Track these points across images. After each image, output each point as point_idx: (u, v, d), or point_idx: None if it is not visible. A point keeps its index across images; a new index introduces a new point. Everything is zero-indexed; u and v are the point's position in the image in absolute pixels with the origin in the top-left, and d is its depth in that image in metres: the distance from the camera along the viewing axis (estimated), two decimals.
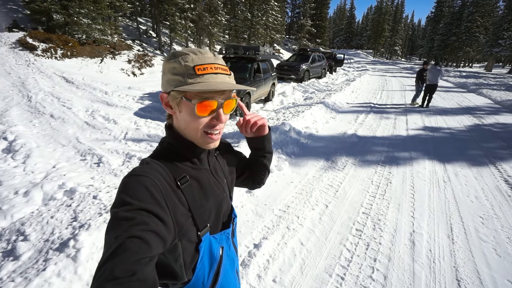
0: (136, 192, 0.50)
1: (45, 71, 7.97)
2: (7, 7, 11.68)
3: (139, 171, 0.55)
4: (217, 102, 0.59)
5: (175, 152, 0.64)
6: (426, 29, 51.36)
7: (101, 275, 0.40)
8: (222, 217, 0.73)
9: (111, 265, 0.41)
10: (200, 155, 0.67)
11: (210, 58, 0.59)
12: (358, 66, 24.48)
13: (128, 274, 0.40)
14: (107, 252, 0.43)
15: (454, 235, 2.46)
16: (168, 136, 0.66)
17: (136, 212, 0.48)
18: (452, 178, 3.62)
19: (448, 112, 7.66)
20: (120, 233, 0.44)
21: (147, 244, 0.45)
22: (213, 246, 0.67)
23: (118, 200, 0.50)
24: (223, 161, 0.80)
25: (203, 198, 0.65)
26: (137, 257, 0.42)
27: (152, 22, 17.25)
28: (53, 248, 1.81)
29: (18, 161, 3.36)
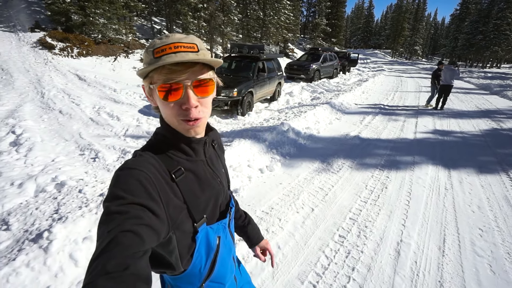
0: (128, 185, 0.50)
1: (60, 69, 8.36)
2: (31, 9, 12.38)
3: (132, 164, 0.54)
4: (182, 84, 0.55)
5: (168, 143, 0.62)
6: (450, 28, 48.89)
7: (93, 269, 0.39)
8: (219, 207, 0.72)
9: (103, 259, 0.40)
10: (194, 145, 0.64)
11: (173, 39, 0.55)
12: (374, 66, 23.72)
13: (121, 268, 0.40)
14: (99, 247, 0.42)
15: (446, 247, 2.29)
16: (160, 127, 0.64)
17: (129, 206, 0.47)
18: (455, 185, 3.40)
19: (463, 115, 7.23)
20: (112, 227, 0.44)
21: (140, 238, 0.44)
22: (210, 236, 0.66)
23: (111, 194, 0.49)
24: (220, 151, 0.80)
25: (199, 190, 0.63)
26: (130, 251, 0.42)
27: (166, 21, 17.62)
28: (29, 238, 1.87)
29: (20, 154, 3.53)
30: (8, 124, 4.47)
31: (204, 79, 0.58)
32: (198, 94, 0.58)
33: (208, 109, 0.62)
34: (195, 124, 0.59)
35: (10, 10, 12.20)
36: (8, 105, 5.48)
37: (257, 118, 6.36)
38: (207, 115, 0.63)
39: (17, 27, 10.80)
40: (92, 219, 2.02)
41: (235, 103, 6.24)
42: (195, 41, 0.57)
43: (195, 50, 0.56)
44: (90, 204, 2.19)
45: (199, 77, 0.57)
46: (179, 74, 0.54)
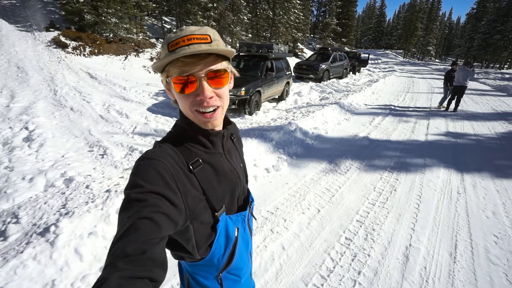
0: (148, 175, 0.52)
1: (73, 67, 8.56)
2: (46, 9, 12.73)
3: (152, 154, 0.56)
4: (197, 76, 0.56)
5: (186, 135, 0.64)
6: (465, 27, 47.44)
7: (114, 252, 0.42)
8: (237, 201, 0.73)
9: (123, 243, 0.43)
10: (212, 138, 0.65)
11: (186, 32, 0.56)
12: (385, 66, 23.27)
13: (139, 252, 0.42)
14: (120, 231, 0.45)
15: (457, 253, 2.20)
16: (179, 119, 0.66)
17: (148, 195, 0.49)
18: (468, 189, 3.27)
19: (478, 117, 6.98)
20: (131, 214, 0.46)
21: (157, 225, 0.46)
22: (229, 227, 0.67)
23: (131, 182, 0.52)
24: (239, 145, 0.81)
25: (216, 182, 0.65)
26: (147, 237, 0.44)
27: (176, 21, 17.81)
28: (37, 232, 1.90)
29: (32, 149, 3.63)
30: (22, 120, 4.60)
31: (218, 69, 0.58)
32: (213, 85, 0.58)
33: (225, 100, 0.62)
34: (212, 117, 0.60)
35: (27, 11, 12.60)
36: (22, 102, 5.64)
37: (264, 117, 6.33)
38: (224, 105, 0.63)
39: (33, 27, 11.14)
40: (98, 215, 2.04)
41: (242, 102, 6.22)
42: (208, 32, 0.57)
43: (208, 41, 0.56)
44: (96, 200, 2.21)
45: (213, 68, 0.57)
46: (192, 66, 0.55)
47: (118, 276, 0.39)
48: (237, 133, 0.83)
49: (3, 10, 12.08)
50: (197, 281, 0.71)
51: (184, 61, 0.55)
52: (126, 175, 2.84)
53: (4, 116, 4.81)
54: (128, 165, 3.37)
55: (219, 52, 0.57)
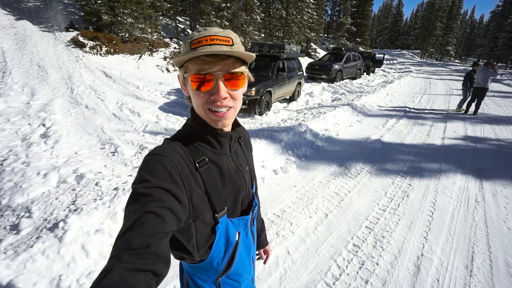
0: (155, 170, 0.53)
1: (89, 66, 8.83)
2: (67, 10, 13.22)
3: (160, 150, 0.58)
4: (214, 76, 0.58)
5: (195, 134, 0.65)
6: (489, 26, 45.22)
7: (119, 245, 0.43)
8: (241, 204, 0.72)
9: (128, 236, 0.44)
10: (220, 138, 0.66)
11: (210, 32, 0.58)
12: (401, 67, 22.57)
13: (143, 246, 0.43)
14: (126, 225, 0.46)
15: (474, 267, 2.08)
16: (190, 118, 0.68)
17: (154, 190, 0.50)
18: (488, 198, 3.10)
19: (500, 121, 6.62)
20: (138, 208, 0.47)
21: (162, 220, 0.47)
22: (230, 230, 0.67)
23: (139, 176, 0.53)
24: (247, 148, 0.81)
25: (220, 183, 0.65)
26: (152, 231, 0.45)
27: (190, 20, 18.04)
28: (47, 227, 1.95)
29: (48, 146, 3.75)
30: (40, 117, 4.78)
31: (236, 72, 0.60)
32: (229, 86, 0.60)
33: (238, 102, 0.64)
34: (223, 116, 0.61)
35: (50, 12, 13.13)
36: (41, 99, 5.86)
37: (274, 118, 6.28)
38: (237, 107, 0.65)
39: (54, 27, 11.58)
40: (105, 212, 2.07)
41: (253, 102, 6.20)
42: (231, 35, 0.59)
43: (230, 44, 0.58)
44: (104, 197, 2.25)
45: (231, 70, 0.59)
46: (212, 65, 0.57)
47: (122, 267, 0.40)
48: (245, 136, 0.83)
49: (28, 12, 12.64)
50: (196, 283, 0.70)
51: (204, 59, 0.57)
52: (135, 173, 2.87)
53: (24, 113, 5.02)
54: (137, 163, 3.42)
55: (239, 56, 0.59)
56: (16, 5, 12.91)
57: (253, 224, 0.80)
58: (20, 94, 5.99)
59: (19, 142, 3.87)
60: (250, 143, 0.89)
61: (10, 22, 10.83)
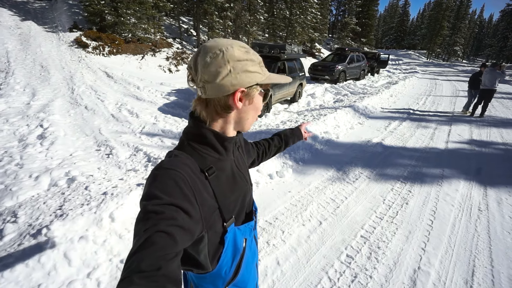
0: (165, 186, 0.52)
1: (92, 66, 8.87)
2: (71, 11, 13.34)
3: (168, 164, 0.56)
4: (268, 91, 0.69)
5: (200, 142, 0.64)
6: (499, 26, 44.30)
7: (129, 266, 0.43)
8: (246, 208, 0.74)
9: (138, 258, 0.43)
10: (227, 144, 0.66)
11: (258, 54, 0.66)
12: (406, 68, 22.23)
13: (154, 268, 0.42)
14: (136, 244, 0.45)
15: (475, 282, 1.97)
16: (195, 127, 0.64)
17: (165, 207, 0.49)
18: (492, 206, 2.97)
19: (508, 124, 6.42)
20: (148, 227, 0.46)
21: (173, 239, 0.46)
22: (238, 238, 0.68)
23: (148, 193, 0.52)
24: (243, 152, 0.83)
25: (228, 189, 0.66)
26: (163, 252, 0.44)
27: (193, 21, 18.05)
28: (30, 233, 1.91)
29: (43, 147, 3.74)
30: (38, 117, 4.79)
31: None
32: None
33: None
34: None
35: (54, 13, 13.27)
36: (42, 99, 5.89)
37: (274, 119, 6.20)
38: None
39: (58, 28, 11.70)
40: (91, 218, 2.02)
41: None
42: None
43: None
44: (92, 202, 2.20)
45: None
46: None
47: None
48: (241, 141, 0.83)
49: (34, 13, 12.80)
50: None
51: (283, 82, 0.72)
52: (126, 177, 2.83)
53: (23, 113, 5.03)
54: (131, 166, 3.38)
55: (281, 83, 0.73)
56: (22, 6, 13.08)
57: (255, 228, 0.80)
58: (21, 94, 6.03)
59: (16, 143, 3.87)
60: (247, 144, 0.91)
61: (15, 23, 10.97)
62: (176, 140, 4.46)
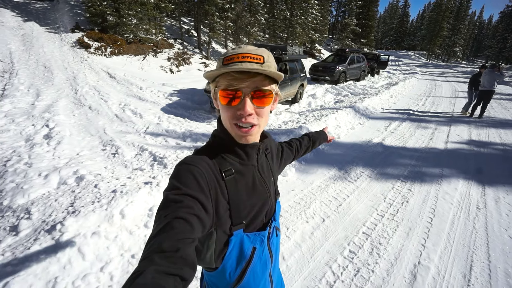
0: (185, 179, 0.57)
1: (94, 67, 8.95)
2: (73, 11, 13.42)
3: (190, 160, 0.61)
4: (242, 91, 0.60)
5: (223, 145, 0.67)
6: (498, 27, 44.49)
7: (150, 246, 0.46)
8: (263, 217, 0.73)
9: (159, 239, 0.46)
10: (248, 149, 0.68)
11: (243, 50, 0.61)
12: (406, 68, 22.33)
13: (173, 249, 0.45)
14: (157, 228, 0.49)
15: (472, 276, 2.05)
16: (217, 129, 0.70)
17: (184, 197, 0.53)
18: (489, 205, 3.04)
19: (506, 125, 6.51)
20: (168, 213, 0.50)
21: (190, 225, 0.50)
22: (245, 244, 0.68)
23: (170, 184, 0.57)
24: (272, 161, 0.83)
25: (245, 194, 0.67)
26: (181, 236, 0.47)
27: (194, 21, 18.13)
28: (45, 229, 1.98)
29: (50, 147, 3.81)
30: (44, 118, 4.86)
31: (264, 90, 0.61)
32: (255, 103, 0.61)
33: (263, 119, 0.65)
34: (248, 133, 0.63)
35: (56, 13, 13.34)
36: (46, 100, 5.96)
37: (275, 120, 6.27)
38: (262, 124, 0.66)
39: (60, 28, 11.77)
40: (102, 215, 2.10)
41: None
42: (263, 54, 0.61)
43: (261, 62, 0.60)
44: (102, 200, 2.28)
45: (259, 87, 0.61)
46: (240, 81, 0.59)
47: (153, 269, 0.41)
48: (272, 147, 0.84)
49: (36, 13, 12.87)
50: None
51: (234, 75, 0.59)
52: (134, 175, 2.91)
53: (29, 113, 5.10)
54: (138, 165, 3.45)
55: (267, 74, 0.60)
56: (24, 6, 13.15)
57: (271, 240, 0.78)
58: (26, 94, 6.09)
59: (22, 142, 3.94)
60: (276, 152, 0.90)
61: (18, 24, 11.04)
62: (180, 139, 4.54)
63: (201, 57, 13.99)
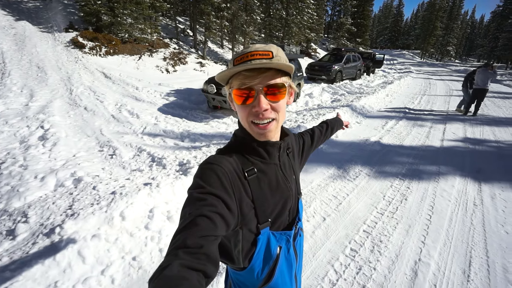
0: (209, 178, 0.58)
1: (89, 67, 8.83)
2: (66, 11, 13.22)
3: (213, 160, 0.63)
4: (255, 89, 0.60)
5: (245, 145, 0.68)
6: (490, 26, 45.21)
7: (175, 243, 0.47)
8: (287, 216, 0.74)
9: (183, 236, 0.47)
10: (269, 148, 0.69)
11: (251, 48, 0.61)
12: (401, 67, 22.54)
13: (197, 246, 0.46)
14: (182, 224, 0.50)
15: (471, 272, 2.07)
16: (238, 129, 0.72)
17: (207, 195, 0.55)
18: (486, 201, 3.09)
19: (500, 123, 6.61)
20: (193, 211, 0.52)
21: (214, 223, 0.51)
22: (271, 243, 0.68)
23: (194, 183, 0.59)
24: (294, 159, 0.83)
25: (268, 192, 0.67)
26: (205, 233, 0.48)
27: (190, 21, 18.02)
28: (43, 232, 1.95)
29: (46, 148, 3.75)
30: (38, 119, 4.78)
31: (276, 84, 0.62)
32: (270, 98, 0.62)
33: (280, 113, 0.65)
34: (266, 129, 0.63)
35: (49, 12, 13.12)
36: (40, 101, 5.86)
37: None
38: (280, 119, 0.66)
39: (54, 28, 11.58)
40: (102, 218, 2.07)
41: None
42: (271, 49, 0.62)
43: (269, 57, 0.60)
44: (101, 202, 2.25)
45: (270, 82, 0.61)
46: (251, 79, 0.60)
47: (178, 263, 0.43)
48: (293, 145, 0.84)
49: (28, 13, 12.64)
50: None
51: (245, 74, 0.60)
52: (132, 177, 2.88)
53: (22, 114, 5.01)
54: (136, 166, 3.41)
55: (278, 67, 0.61)
56: (15, 5, 12.90)
57: (296, 240, 0.79)
58: (19, 95, 5.98)
59: (17, 144, 3.87)
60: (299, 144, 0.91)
61: (9, 23, 10.83)
62: (178, 140, 4.50)
63: (197, 57, 13.91)
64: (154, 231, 2.15)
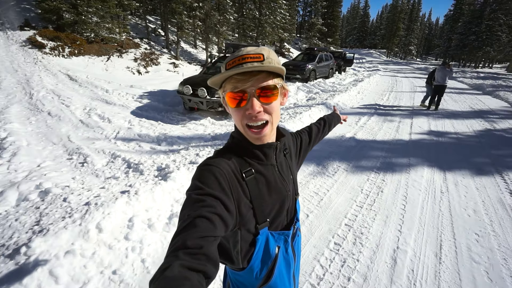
0: (207, 179, 0.58)
1: (51, 69, 8.15)
2: (20, 7, 12.07)
3: (211, 161, 0.63)
4: (247, 92, 0.61)
5: (242, 147, 0.68)
6: (444, 28, 49.44)
7: (175, 243, 0.47)
8: (284, 216, 0.74)
9: (183, 237, 0.47)
10: (265, 150, 0.69)
11: (243, 52, 0.61)
12: (370, 66, 23.81)
13: (197, 246, 0.46)
14: (181, 226, 0.50)
15: (443, 254, 2.25)
16: (234, 131, 0.72)
17: (206, 197, 0.55)
18: (451, 188, 3.37)
19: (457, 116, 7.25)
20: (191, 212, 0.52)
21: (213, 224, 0.51)
22: (270, 243, 0.69)
23: (192, 184, 0.59)
24: (291, 159, 0.83)
25: (266, 193, 0.68)
26: (204, 233, 0.48)
27: (161, 20, 17.40)
28: (5, 254, 1.76)
29: (3, 159, 3.39)
30: None
31: (268, 86, 0.62)
32: (262, 101, 0.62)
33: (274, 115, 0.65)
34: (261, 133, 0.64)
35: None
36: None
37: None
38: (274, 121, 0.66)
39: (5, 25, 10.51)
40: (75, 231, 1.92)
41: None
42: (262, 51, 0.62)
43: (261, 60, 0.60)
44: (74, 214, 2.08)
45: (262, 84, 0.61)
46: (244, 82, 0.60)
47: (179, 264, 0.43)
48: (290, 145, 0.84)
49: None
50: None
51: (237, 78, 0.60)
52: (107, 185, 2.71)
53: None
54: (110, 174, 3.22)
55: (269, 70, 0.61)
56: None
57: (295, 241, 0.80)
58: None
59: None
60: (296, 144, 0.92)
61: None
62: (155, 144, 4.33)
63: (170, 57, 13.48)
64: (135, 241, 2.04)
